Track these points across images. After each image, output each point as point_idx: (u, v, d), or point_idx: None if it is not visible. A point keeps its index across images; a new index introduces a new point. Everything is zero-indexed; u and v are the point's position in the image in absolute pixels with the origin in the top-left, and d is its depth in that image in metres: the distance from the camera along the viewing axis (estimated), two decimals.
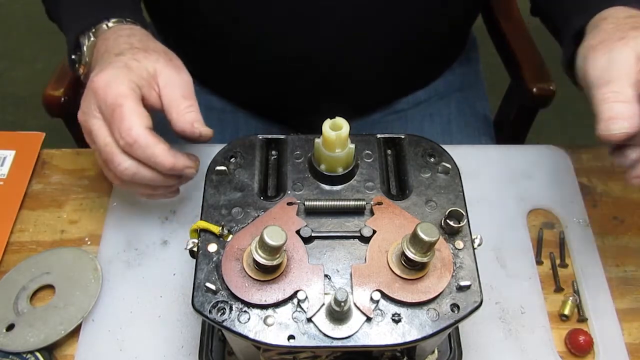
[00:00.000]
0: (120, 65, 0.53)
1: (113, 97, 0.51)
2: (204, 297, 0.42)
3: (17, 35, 1.91)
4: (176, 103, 0.54)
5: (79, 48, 0.60)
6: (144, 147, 0.50)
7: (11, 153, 0.69)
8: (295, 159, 0.49)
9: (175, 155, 0.52)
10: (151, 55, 0.55)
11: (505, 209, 0.65)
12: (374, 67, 0.76)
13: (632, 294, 0.60)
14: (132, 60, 0.54)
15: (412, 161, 0.49)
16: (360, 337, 0.40)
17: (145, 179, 0.53)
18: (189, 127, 0.53)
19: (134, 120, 0.50)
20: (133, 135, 0.50)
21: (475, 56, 0.93)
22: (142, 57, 0.54)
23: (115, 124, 0.51)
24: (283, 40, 0.69)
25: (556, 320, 0.59)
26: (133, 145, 0.50)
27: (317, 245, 0.44)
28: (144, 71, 0.54)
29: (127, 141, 0.50)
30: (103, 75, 0.52)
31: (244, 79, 0.79)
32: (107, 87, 0.51)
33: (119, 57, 0.54)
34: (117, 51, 0.55)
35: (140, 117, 0.51)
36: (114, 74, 0.52)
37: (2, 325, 0.56)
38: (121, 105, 0.50)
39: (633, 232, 0.65)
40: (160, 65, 0.55)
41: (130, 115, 0.50)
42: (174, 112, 0.53)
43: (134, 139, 0.50)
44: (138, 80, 0.53)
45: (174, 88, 0.54)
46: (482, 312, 0.43)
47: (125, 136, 0.50)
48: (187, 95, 0.55)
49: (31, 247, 0.63)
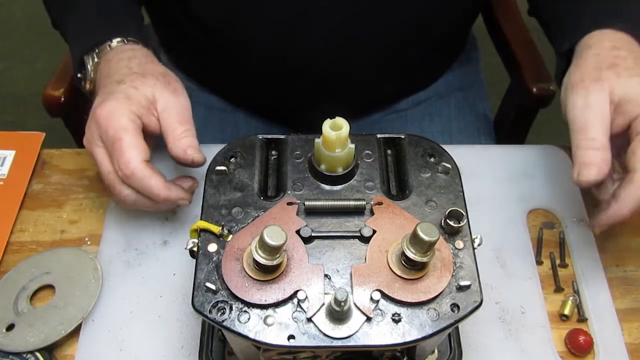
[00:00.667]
0: (120, 96, 0.56)
1: (114, 130, 0.54)
2: (204, 297, 0.42)
3: (17, 35, 1.91)
4: (172, 128, 0.57)
5: (84, 67, 0.63)
6: (140, 180, 0.54)
7: (11, 153, 0.69)
8: (295, 159, 0.49)
9: (169, 188, 0.56)
10: (149, 80, 0.58)
11: (505, 209, 0.65)
12: (374, 67, 0.76)
13: (632, 294, 0.60)
14: (131, 89, 0.56)
15: (412, 161, 0.49)
16: (360, 337, 0.40)
17: (145, 205, 0.57)
18: (182, 153, 0.56)
19: (132, 153, 0.54)
20: (130, 168, 0.53)
21: (475, 56, 0.93)
22: (140, 84, 0.57)
23: (115, 156, 0.54)
24: (283, 40, 0.69)
25: (556, 320, 0.59)
26: (130, 178, 0.54)
27: (317, 245, 0.44)
28: (143, 98, 0.57)
29: (125, 173, 0.54)
30: (105, 107, 0.55)
31: (244, 80, 0.79)
32: (108, 119, 0.55)
33: (119, 87, 0.57)
34: (117, 78, 0.58)
35: (138, 150, 0.54)
36: (115, 105, 0.55)
37: (2, 325, 0.56)
38: (121, 139, 0.54)
39: (633, 232, 0.65)
40: (158, 90, 0.57)
41: (128, 149, 0.54)
42: (169, 138, 0.56)
43: (131, 172, 0.54)
44: (138, 110, 0.56)
45: (171, 113, 0.57)
46: (482, 312, 0.43)
47: (124, 169, 0.54)
48: (183, 120, 0.57)
49: (31, 247, 0.63)
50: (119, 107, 0.55)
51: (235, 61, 0.76)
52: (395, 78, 0.81)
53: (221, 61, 0.78)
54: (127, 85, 0.57)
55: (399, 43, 0.73)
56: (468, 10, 0.80)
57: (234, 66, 0.77)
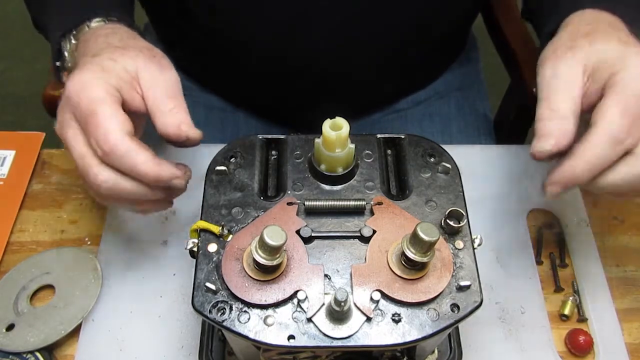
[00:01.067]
0: (95, 67, 0.48)
1: (87, 102, 0.46)
2: (204, 297, 0.42)
3: (17, 35, 1.91)
4: (160, 103, 0.49)
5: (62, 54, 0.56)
6: (123, 155, 0.45)
7: (11, 153, 0.69)
8: (295, 159, 0.49)
9: (160, 164, 0.46)
10: (129, 52, 0.50)
11: (506, 209, 0.65)
12: (373, 67, 0.76)
13: (632, 294, 0.60)
14: (108, 61, 0.49)
15: (412, 161, 0.49)
16: (360, 337, 0.40)
17: (126, 191, 0.47)
18: (174, 130, 0.48)
19: (111, 125, 0.45)
20: (110, 142, 0.45)
21: (475, 56, 0.93)
22: (119, 56, 0.49)
23: (91, 132, 0.46)
24: (283, 40, 0.69)
25: (556, 320, 0.59)
26: (110, 154, 0.45)
27: (317, 245, 0.44)
28: (123, 72, 0.49)
29: (104, 149, 0.45)
30: (76, 79, 0.47)
31: (244, 80, 0.79)
32: (81, 91, 0.47)
33: (94, 59, 0.49)
34: (94, 52, 0.50)
35: (118, 122, 0.46)
36: (88, 77, 0.47)
37: (2, 325, 0.56)
38: (95, 111, 0.45)
39: (633, 232, 0.65)
40: (141, 62, 0.50)
41: (106, 120, 0.45)
42: (157, 113, 0.48)
43: (111, 147, 0.45)
44: (117, 83, 0.48)
45: (157, 88, 0.49)
46: (482, 312, 0.43)
47: (102, 144, 0.45)
48: (173, 94, 0.50)
49: (31, 247, 0.63)
50: (92, 77, 0.47)
51: (235, 61, 0.76)
52: (395, 78, 0.81)
53: (221, 61, 0.78)
54: (104, 57, 0.49)
55: (399, 43, 0.73)
56: (468, 10, 0.80)
57: (233, 66, 0.77)
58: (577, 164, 0.45)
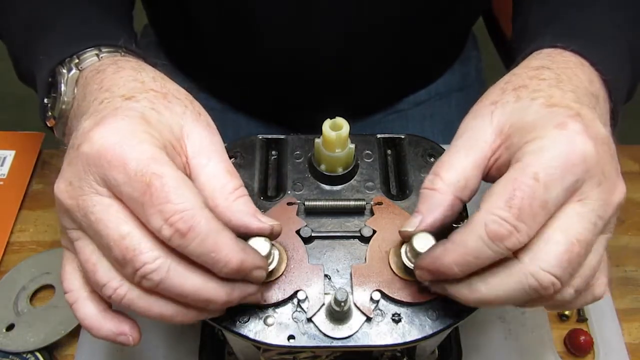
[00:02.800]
0: (134, 114, 0.36)
1: (141, 164, 0.34)
2: None
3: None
4: (220, 182, 0.38)
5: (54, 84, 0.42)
6: (204, 236, 0.33)
7: (11, 153, 0.69)
8: (295, 159, 0.49)
9: (244, 249, 0.35)
10: (175, 106, 0.39)
11: None
12: (374, 67, 0.76)
13: (632, 294, 0.60)
14: (150, 111, 0.37)
15: (412, 161, 0.49)
16: (360, 337, 0.40)
17: (186, 287, 0.34)
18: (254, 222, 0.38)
19: (189, 196, 0.34)
20: (188, 218, 0.33)
21: (476, 55, 0.93)
22: (163, 108, 0.38)
23: (154, 204, 0.33)
24: (283, 41, 0.69)
25: (556, 320, 0.59)
26: (187, 234, 0.33)
27: (317, 245, 0.44)
28: (167, 130, 0.37)
29: (179, 228, 0.33)
30: (108, 129, 0.35)
31: (244, 81, 0.79)
32: (121, 148, 0.34)
33: (129, 103, 0.37)
34: (123, 92, 0.38)
35: (193, 191, 0.34)
36: (129, 127, 0.35)
37: (2, 325, 0.56)
38: (160, 175, 0.33)
39: (633, 232, 0.65)
40: (189, 123, 0.39)
41: (180, 188, 0.34)
42: (219, 196, 0.37)
43: (190, 225, 0.33)
44: (162, 143, 0.36)
45: (211, 159, 0.38)
46: (482, 312, 0.43)
47: (177, 221, 0.33)
48: (231, 169, 0.39)
49: (31, 247, 0.63)
50: (137, 129, 0.35)
51: (234, 64, 0.76)
52: (396, 78, 0.81)
53: (219, 65, 0.78)
54: (143, 105, 0.37)
55: (400, 43, 0.73)
56: (470, 11, 0.80)
57: (233, 69, 0.77)
58: (447, 252, 0.35)
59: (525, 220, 0.33)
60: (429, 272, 0.37)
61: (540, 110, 0.37)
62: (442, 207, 0.38)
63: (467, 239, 0.34)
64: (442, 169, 0.39)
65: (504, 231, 0.33)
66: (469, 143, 0.39)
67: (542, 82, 0.40)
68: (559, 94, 0.38)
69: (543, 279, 0.34)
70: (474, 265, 0.35)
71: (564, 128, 0.35)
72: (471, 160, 0.38)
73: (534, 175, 0.34)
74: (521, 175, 0.34)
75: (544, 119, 0.37)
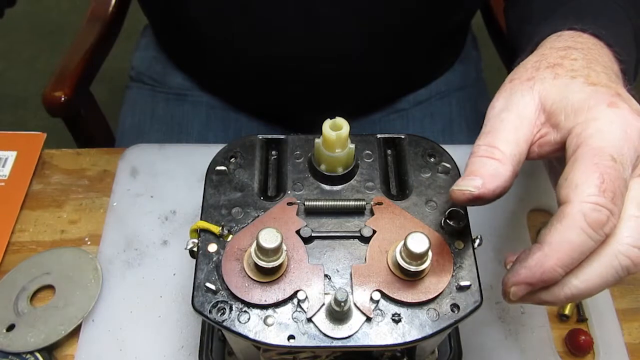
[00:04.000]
0: None
1: None
2: (204, 297, 0.42)
3: (17, 35, 1.91)
4: None
5: None
6: None
7: (13, 154, 0.69)
8: (295, 159, 0.49)
9: None
10: None
11: (505, 209, 0.65)
12: (374, 67, 0.76)
13: (632, 294, 0.60)
14: None
15: (412, 161, 0.49)
16: (360, 337, 0.40)
17: None
18: None
19: None
20: None
21: (476, 55, 0.93)
22: None
23: None
24: (283, 41, 0.69)
25: (556, 320, 0.59)
26: None
27: (317, 245, 0.44)
28: None
29: None
30: None
31: (245, 82, 0.79)
32: None
33: None
34: None
35: None
36: None
37: (2, 326, 0.56)
38: None
39: None
40: None
41: None
42: None
43: None
44: None
45: None
46: (482, 312, 0.43)
47: None
48: None
49: (31, 247, 0.63)
50: None
51: (233, 65, 0.76)
52: (396, 77, 0.81)
53: (219, 65, 0.78)
54: None
55: (400, 42, 0.73)
56: (469, 9, 0.80)
57: (232, 70, 0.77)
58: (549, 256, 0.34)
59: (617, 202, 0.34)
60: (529, 285, 0.36)
61: (585, 88, 0.37)
62: (504, 177, 0.37)
63: (569, 235, 0.34)
64: (498, 141, 0.38)
65: (603, 217, 0.33)
66: (517, 118, 0.39)
67: (575, 62, 0.40)
68: (594, 74, 0.39)
69: (632, 255, 0.34)
70: (577, 262, 0.34)
71: (616, 107, 0.36)
72: (521, 135, 0.38)
73: (612, 157, 0.34)
74: (601, 159, 0.34)
75: (592, 99, 0.37)
